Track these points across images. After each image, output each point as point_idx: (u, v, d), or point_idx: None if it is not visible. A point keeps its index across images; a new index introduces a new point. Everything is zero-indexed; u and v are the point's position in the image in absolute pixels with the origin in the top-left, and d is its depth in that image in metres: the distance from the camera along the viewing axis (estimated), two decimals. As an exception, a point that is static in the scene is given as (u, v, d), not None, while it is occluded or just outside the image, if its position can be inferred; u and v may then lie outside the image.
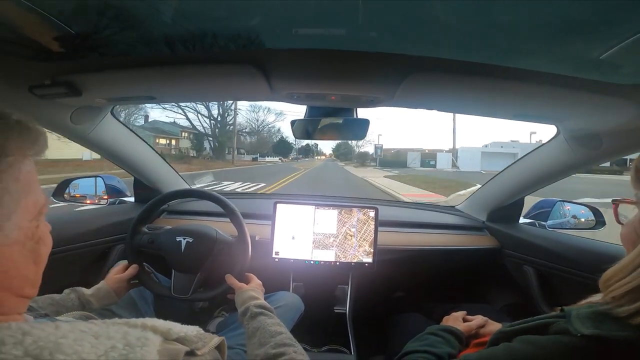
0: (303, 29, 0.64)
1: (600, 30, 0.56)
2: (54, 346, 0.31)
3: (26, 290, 0.42)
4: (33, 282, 0.43)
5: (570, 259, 1.21)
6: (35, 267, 0.43)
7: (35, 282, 0.44)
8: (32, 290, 0.43)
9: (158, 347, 0.37)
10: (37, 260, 0.43)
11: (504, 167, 1.51)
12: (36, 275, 0.43)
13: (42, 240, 0.44)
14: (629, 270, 0.51)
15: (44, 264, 0.45)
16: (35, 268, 0.43)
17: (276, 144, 54.30)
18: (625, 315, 0.48)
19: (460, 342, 0.82)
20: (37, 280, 0.44)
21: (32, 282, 0.43)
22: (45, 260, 0.45)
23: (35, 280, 0.43)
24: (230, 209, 1.06)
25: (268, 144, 51.88)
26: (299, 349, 0.68)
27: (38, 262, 0.43)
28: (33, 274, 0.42)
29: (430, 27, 0.63)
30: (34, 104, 0.93)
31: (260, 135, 49.11)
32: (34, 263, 0.42)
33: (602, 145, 0.98)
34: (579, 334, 0.49)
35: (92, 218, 1.38)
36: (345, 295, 1.44)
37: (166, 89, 0.96)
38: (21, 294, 0.41)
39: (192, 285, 1.02)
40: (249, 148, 48.48)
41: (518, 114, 0.97)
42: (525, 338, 0.56)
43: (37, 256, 0.43)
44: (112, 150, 1.32)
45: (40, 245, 0.43)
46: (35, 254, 0.42)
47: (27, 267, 0.41)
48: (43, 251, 0.44)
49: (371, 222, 1.38)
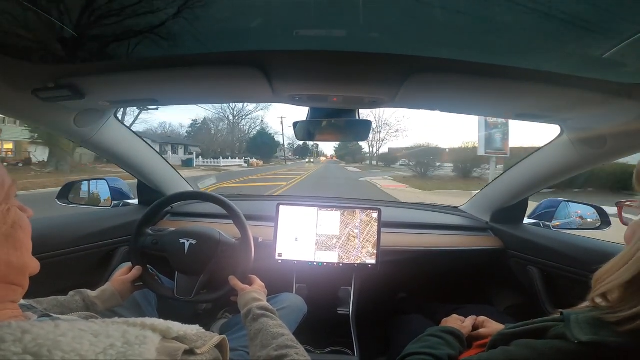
0: (304, 30, 0.64)
1: (603, 29, 0.56)
2: (52, 344, 0.32)
3: (12, 276, 0.42)
4: (19, 268, 0.43)
5: (575, 259, 1.20)
6: (17, 253, 0.43)
7: (22, 268, 0.43)
8: (19, 277, 0.43)
9: (157, 345, 0.38)
10: (16, 245, 0.43)
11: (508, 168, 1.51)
12: (20, 261, 0.43)
13: (17, 224, 0.43)
14: (618, 267, 0.51)
15: (28, 249, 0.45)
16: (18, 253, 0.43)
17: (252, 140, 41.85)
18: (616, 322, 0.47)
19: (461, 343, 0.82)
20: (23, 267, 0.44)
21: (18, 269, 0.42)
22: (27, 246, 0.45)
23: (21, 266, 0.43)
24: (233, 211, 1.07)
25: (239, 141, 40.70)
26: (301, 350, 0.68)
27: (18, 247, 0.43)
28: (16, 259, 0.42)
29: (431, 28, 0.63)
30: (38, 107, 0.94)
31: (236, 129, 39.52)
32: (14, 248, 0.42)
33: (607, 144, 0.98)
34: (577, 341, 0.48)
35: (96, 220, 1.39)
36: (348, 296, 1.44)
37: (168, 91, 0.96)
38: (8, 280, 0.41)
39: (196, 287, 1.02)
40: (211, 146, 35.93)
41: (521, 113, 0.96)
42: (523, 342, 0.56)
43: (15, 241, 0.42)
44: (115, 152, 1.33)
45: (16, 229, 0.43)
46: (13, 239, 0.42)
47: (8, 253, 0.41)
48: (21, 235, 0.43)
49: (374, 223, 1.37)
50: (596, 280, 0.54)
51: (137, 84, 0.90)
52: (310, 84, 0.88)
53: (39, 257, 0.47)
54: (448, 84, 0.81)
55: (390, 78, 0.80)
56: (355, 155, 45.55)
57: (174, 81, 0.88)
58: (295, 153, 62.79)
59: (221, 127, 41.35)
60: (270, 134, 45.72)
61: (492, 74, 0.75)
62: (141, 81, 0.88)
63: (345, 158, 51.48)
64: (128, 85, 0.91)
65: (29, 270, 0.45)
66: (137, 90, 0.94)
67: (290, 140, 52.72)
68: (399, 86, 0.81)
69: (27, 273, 0.45)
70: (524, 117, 0.98)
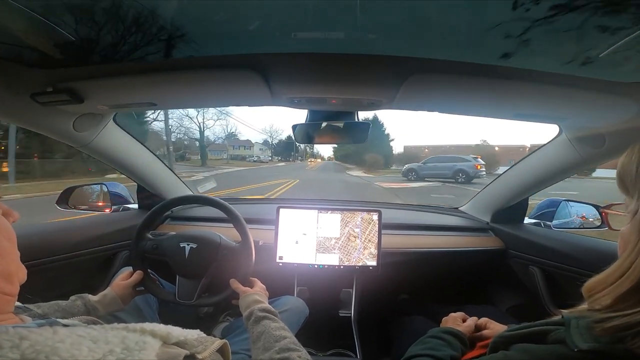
0: (302, 32, 0.65)
1: (599, 29, 0.56)
2: (50, 350, 0.32)
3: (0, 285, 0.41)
4: (5, 276, 0.42)
5: (577, 258, 1.20)
6: (2, 260, 0.42)
7: (8, 277, 0.43)
8: (7, 286, 0.42)
9: (157, 351, 0.37)
10: (2, 252, 0.42)
11: (507, 168, 1.51)
12: (5, 269, 0.42)
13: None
14: (612, 280, 0.49)
15: (12, 258, 0.44)
16: (3, 261, 0.42)
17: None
18: (614, 328, 0.46)
19: (463, 343, 0.81)
20: (9, 275, 0.43)
21: (4, 276, 0.42)
22: (11, 253, 0.44)
23: (7, 274, 0.42)
24: (233, 215, 1.07)
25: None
26: (304, 353, 0.67)
27: (4, 254, 0.42)
28: (1, 266, 0.42)
29: (429, 29, 0.63)
30: (36, 112, 0.94)
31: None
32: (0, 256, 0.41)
33: (605, 143, 0.98)
34: (576, 349, 0.47)
35: (97, 225, 1.39)
36: (350, 298, 1.44)
37: (167, 95, 0.97)
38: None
39: (197, 290, 1.02)
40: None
41: (519, 114, 0.96)
42: (522, 347, 0.55)
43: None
44: (115, 157, 1.33)
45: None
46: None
47: None
48: (3, 243, 0.43)
49: (375, 225, 1.37)
50: (588, 290, 0.53)
51: (135, 87, 0.90)
52: (309, 86, 0.88)
53: (39, 262, 0.47)
54: (446, 85, 0.81)
55: (388, 80, 0.80)
56: (360, 156, 28.71)
57: (172, 85, 0.88)
58: (277, 151, 49.01)
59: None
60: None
61: (490, 75, 0.75)
62: (140, 85, 0.88)
63: (346, 160, 38.20)
64: (127, 89, 0.91)
65: (17, 279, 0.44)
66: (136, 94, 0.94)
67: (262, 132, 37.87)
68: (397, 88, 0.82)
69: (16, 281, 0.44)
70: (522, 117, 0.99)
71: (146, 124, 19.68)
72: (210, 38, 0.68)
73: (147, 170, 1.50)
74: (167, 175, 1.64)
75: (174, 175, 1.68)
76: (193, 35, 0.65)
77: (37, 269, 1.09)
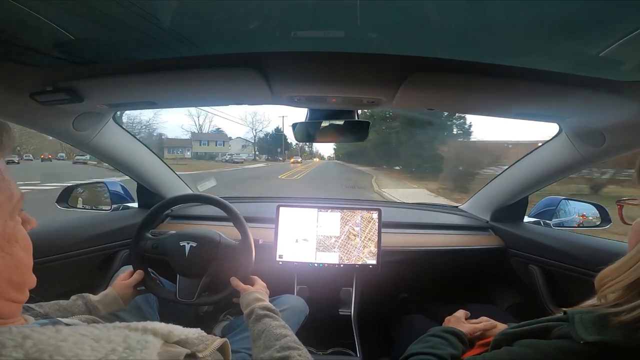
0: (302, 31, 0.64)
1: (599, 28, 0.56)
2: (53, 349, 0.32)
3: (11, 293, 0.41)
4: (17, 286, 0.42)
5: (576, 257, 1.20)
6: (18, 271, 0.41)
7: (22, 286, 0.43)
8: (17, 294, 0.42)
9: (158, 350, 0.38)
10: (18, 263, 0.41)
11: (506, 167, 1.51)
12: (20, 279, 0.42)
13: (14, 239, 0.41)
14: (624, 269, 0.51)
15: (27, 268, 0.44)
16: (18, 272, 0.42)
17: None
18: (620, 321, 0.47)
19: (463, 343, 0.82)
20: (23, 284, 0.43)
21: (16, 286, 0.41)
22: (27, 264, 0.44)
23: (20, 284, 0.42)
24: (233, 213, 1.07)
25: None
26: (304, 352, 0.67)
27: (19, 265, 0.42)
28: (17, 277, 0.41)
29: (429, 28, 0.63)
30: (36, 111, 0.93)
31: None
32: (16, 267, 0.41)
33: (605, 142, 0.98)
34: (582, 342, 0.48)
35: (96, 224, 1.39)
36: (350, 297, 1.44)
37: (167, 94, 0.96)
38: (6, 297, 0.40)
39: (197, 289, 1.02)
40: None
41: (519, 112, 0.96)
42: (526, 342, 0.55)
43: (15, 259, 0.41)
44: (114, 156, 1.33)
45: (12, 244, 0.41)
46: (13, 257, 0.41)
47: (10, 271, 0.40)
48: (19, 254, 0.42)
49: (375, 224, 1.38)
50: (599, 280, 0.54)
51: (135, 86, 0.90)
52: (309, 85, 0.88)
53: (39, 261, 0.46)
54: (446, 84, 0.81)
55: (388, 78, 0.80)
56: (365, 155, 23.28)
57: (172, 83, 0.88)
58: (261, 149, 38.38)
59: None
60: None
61: (490, 73, 0.75)
62: (139, 84, 0.88)
63: (349, 158, 31.31)
64: (126, 88, 0.91)
65: (27, 287, 0.44)
66: (136, 92, 0.94)
67: (243, 122, 31.90)
68: (397, 86, 0.82)
69: (27, 290, 0.44)
70: (522, 116, 0.99)
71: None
72: (210, 37, 0.68)
73: (146, 168, 1.50)
74: (167, 173, 1.63)
75: (173, 174, 1.68)
76: (193, 34, 0.65)
77: (37, 268, 1.08)
